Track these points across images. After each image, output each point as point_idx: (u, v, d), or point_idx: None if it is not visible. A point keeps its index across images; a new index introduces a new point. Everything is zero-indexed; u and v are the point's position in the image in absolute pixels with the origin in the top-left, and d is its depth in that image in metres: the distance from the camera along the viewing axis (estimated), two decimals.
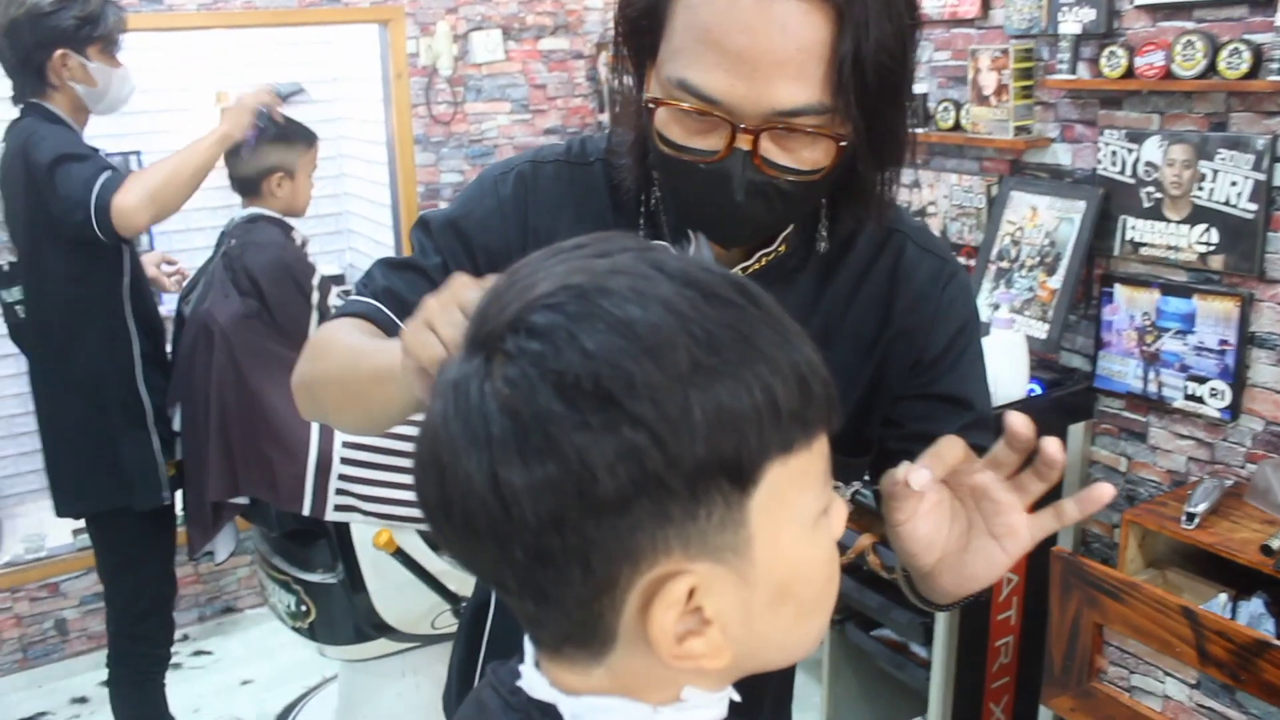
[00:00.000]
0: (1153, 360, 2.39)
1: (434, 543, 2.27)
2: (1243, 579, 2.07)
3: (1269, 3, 2.09)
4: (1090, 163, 2.48)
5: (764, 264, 1.01)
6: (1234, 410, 2.26)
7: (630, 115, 0.97)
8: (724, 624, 0.57)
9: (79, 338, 2.31)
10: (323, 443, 2.24)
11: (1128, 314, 2.43)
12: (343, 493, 2.25)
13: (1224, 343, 2.25)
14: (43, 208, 2.19)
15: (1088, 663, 2.05)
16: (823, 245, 1.02)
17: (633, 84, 0.94)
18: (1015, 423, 0.77)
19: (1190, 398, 2.33)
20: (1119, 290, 2.44)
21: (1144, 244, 2.37)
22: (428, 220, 1.08)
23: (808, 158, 0.88)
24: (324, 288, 2.43)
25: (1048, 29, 2.48)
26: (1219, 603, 2.07)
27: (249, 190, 2.48)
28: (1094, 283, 2.51)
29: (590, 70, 3.91)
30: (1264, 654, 1.73)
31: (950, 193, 2.82)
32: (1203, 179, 2.23)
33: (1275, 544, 1.95)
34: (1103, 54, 2.34)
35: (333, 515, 2.26)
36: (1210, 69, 2.15)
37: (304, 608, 2.41)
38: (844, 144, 0.87)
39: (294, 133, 2.49)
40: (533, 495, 0.52)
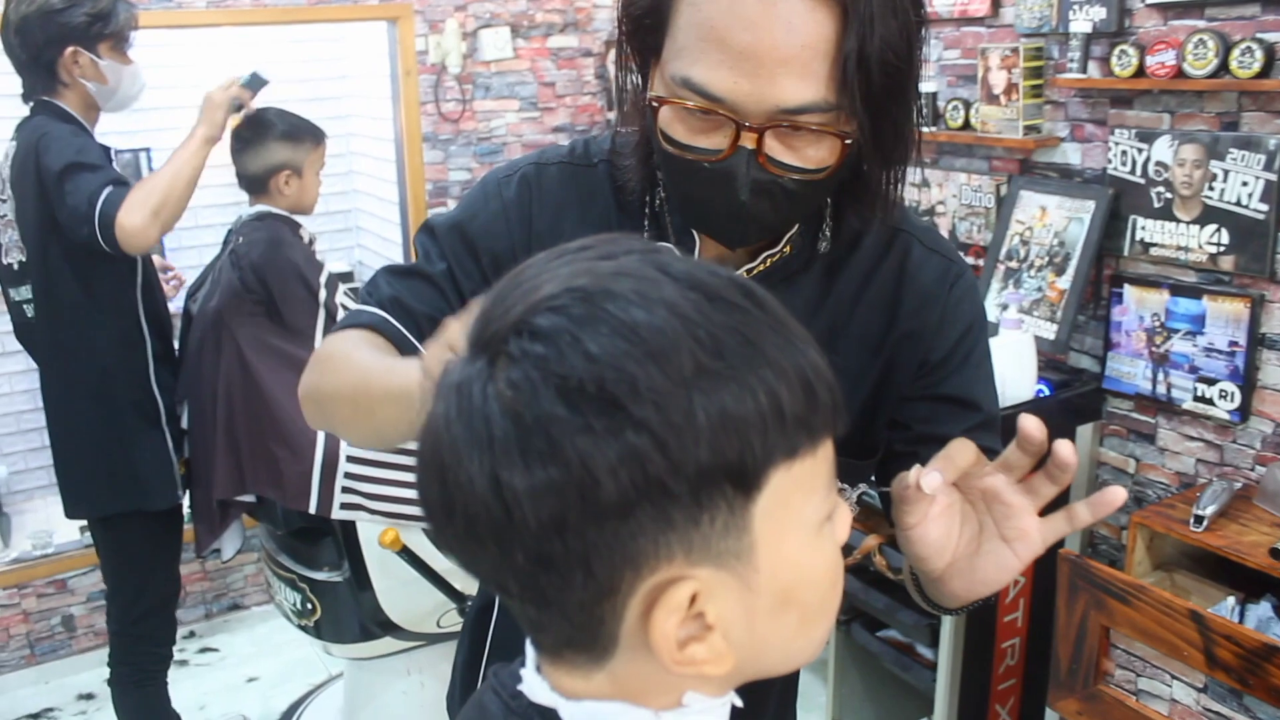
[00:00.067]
0: (1162, 361, 2.38)
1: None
2: (1251, 582, 2.06)
3: None
4: (1100, 162, 2.47)
5: (769, 265, 1.00)
6: (1243, 412, 2.25)
7: (634, 114, 0.96)
8: (726, 630, 0.57)
9: (90, 339, 2.30)
10: (329, 441, 2.24)
11: (1137, 315, 2.41)
12: (349, 491, 2.25)
13: (1234, 344, 2.24)
14: (52, 213, 2.18)
15: (1094, 665, 2.05)
16: (825, 245, 1.01)
17: (637, 83, 0.94)
18: (1028, 425, 0.77)
19: (1199, 399, 2.32)
20: (1128, 291, 2.43)
21: (1154, 244, 2.36)
22: (433, 226, 1.07)
23: (813, 156, 0.87)
24: (331, 285, 2.42)
25: (1058, 27, 2.47)
26: (1227, 606, 2.06)
27: (256, 188, 2.48)
28: (1103, 283, 2.50)
29: (599, 68, 3.91)
30: (1272, 658, 1.72)
31: (959, 192, 2.81)
32: (1214, 179, 2.22)
33: None
34: (1113, 53, 2.32)
35: (339, 513, 2.26)
36: (1222, 68, 2.13)
37: (309, 606, 2.41)
38: (849, 142, 0.86)
39: (301, 130, 2.48)
40: (534, 499, 0.52)
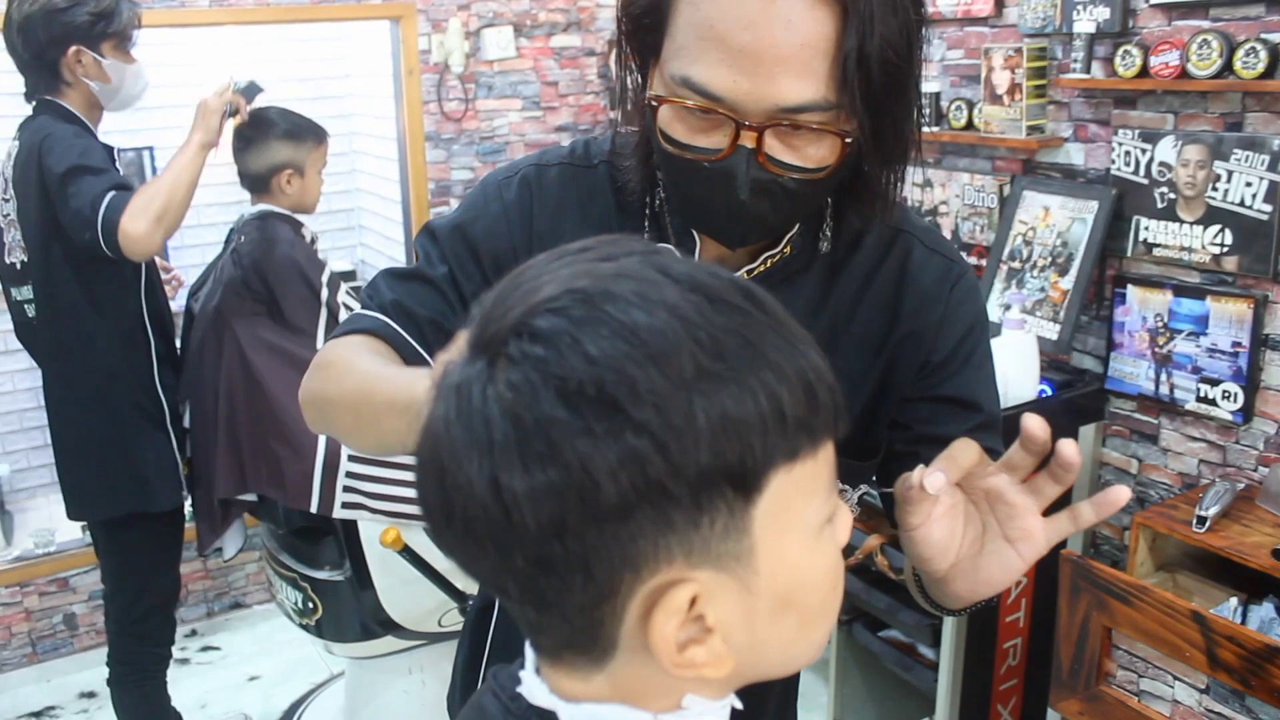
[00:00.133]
0: (1165, 362, 2.37)
1: None
2: (1254, 583, 2.06)
3: None
4: (1103, 163, 2.46)
5: (769, 265, 1.00)
6: (1246, 413, 2.24)
7: (635, 114, 0.96)
8: (726, 632, 0.57)
9: (92, 341, 2.29)
10: (331, 441, 2.24)
11: (1140, 315, 2.41)
12: (350, 490, 2.25)
13: (1237, 345, 2.23)
14: (54, 214, 2.17)
15: (1096, 666, 2.04)
16: (825, 245, 1.01)
17: (636, 82, 0.94)
18: (1031, 425, 0.76)
19: (1202, 400, 2.31)
20: (1131, 291, 2.42)
21: (1157, 245, 2.36)
22: (433, 228, 1.07)
23: (813, 155, 0.87)
24: (333, 284, 2.42)
25: (1062, 27, 2.46)
26: (1229, 607, 2.06)
27: (258, 187, 2.48)
28: (1106, 284, 2.50)
29: (602, 67, 3.90)
30: (1274, 659, 1.72)
31: (962, 192, 2.81)
32: (1217, 180, 2.21)
33: None
34: (1117, 53, 2.32)
35: (340, 512, 2.26)
36: (1226, 68, 2.13)
37: (311, 605, 2.41)
38: (849, 141, 0.86)
39: (303, 129, 2.48)
40: (534, 501, 0.51)
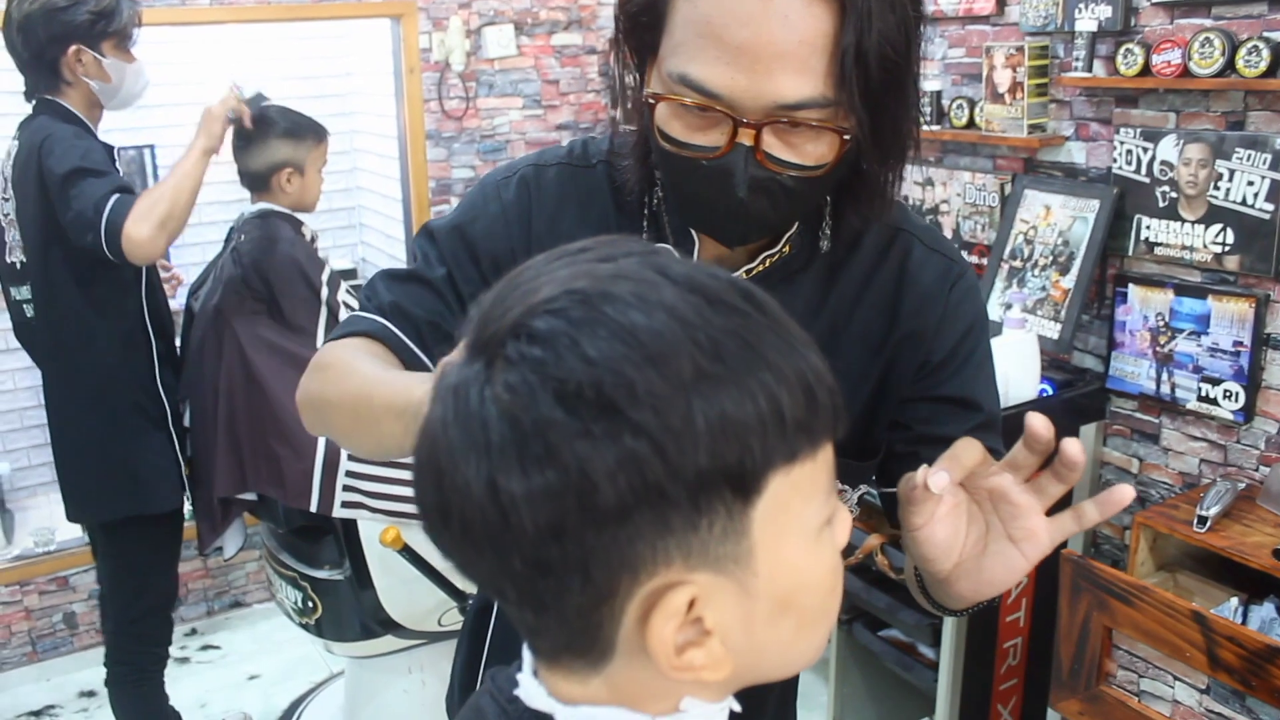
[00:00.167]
0: (1166, 361, 2.37)
1: None
2: (1255, 583, 2.06)
3: None
4: (1105, 161, 2.46)
5: (768, 265, 1.00)
6: (1248, 412, 2.24)
7: (633, 113, 0.96)
8: (724, 635, 0.56)
9: (91, 341, 2.28)
10: (330, 440, 2.24)
11: (1141, 314, 2.41)
12: (350, 489, 2.25)
13: (1238, 344, 2.23)
14: (53, 214, 2.16)
15: (1096, 666, 2.04)
16: (824, 244, 1.00)
17: (634, 81, 0.94)
18: (1035, 424, 0.76)
19: (1204, 399, 2.31)
20: (1133, 290, 2.42)
21: (1158, 244, 2.35)
22: (431, 229, 1.07)
23: (811, 152, 0.87)
24: (333, 283, 2.42)
25: (1063, 26, 2.46)
26: (1230, 607, 2.05)
27: (258, 186, 2.47)
28: (1107, 283, 2.49)
29: (604, 65, 3.90)
30: (1275, 660, 1.72)
31: (963, 191, 2.81)
32: (1219, 178, 2.21)
33: None
34: (1119, 51, 2.31)
35: (340, 512, 2.26)
36: (1228, 67, 2.12)
37: (311, 604, 2.41)
38: (847, 138, 0.86)
39: (303, 128, 2.48)
40: (532, 504, 0.51)
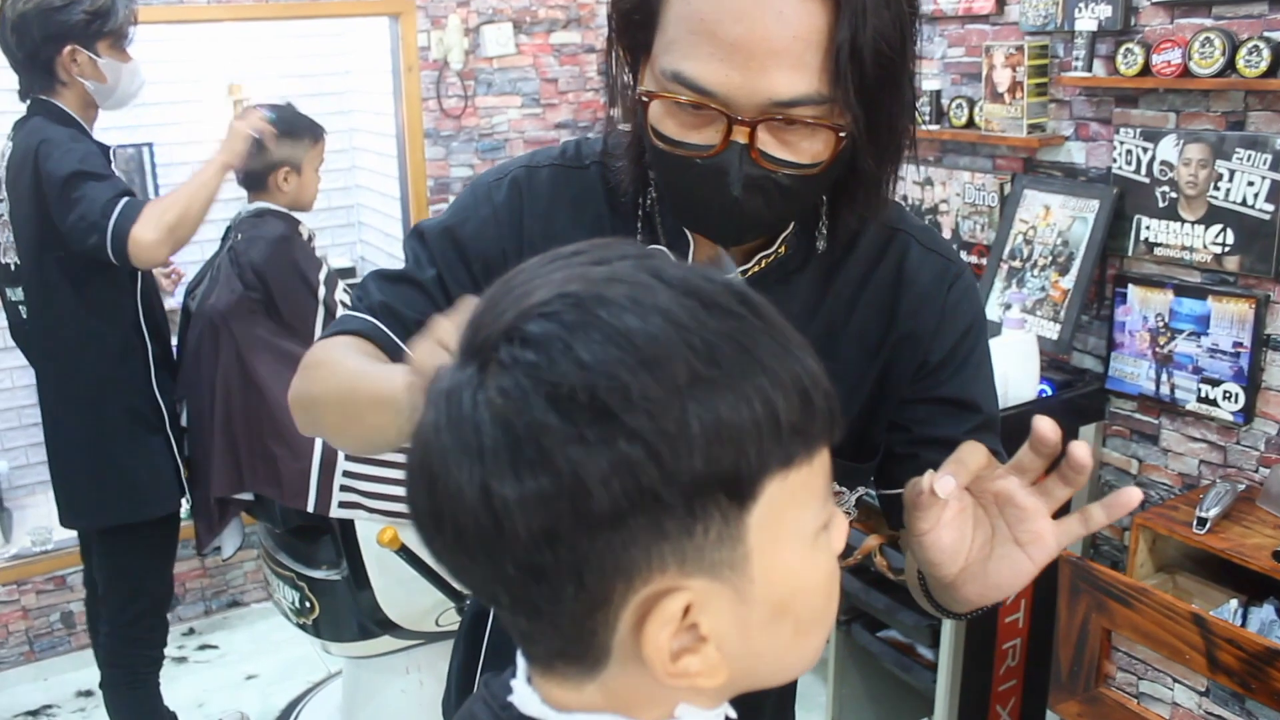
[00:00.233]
0: (1166, 362, 2.37)
1: None
2: (1254, 584, 2.05)
3: None
4: (1105, 161, 2.45)
5: (764, 266, 0.99)
6: (1248, 413, 2.24)
7: (627, 112, 0.95)
8: (720, 641, 0.56)
9: (86, 345, 2.27)
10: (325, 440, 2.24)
11: (1141, 315, 2.40)
12: (347, 489, 2.24)
13: (1238, 345, 2.22)
14: (49, 217, 2.15)
15: (1095, 668, 2.04)
16: (821, 244, 1.00)
17: (628, 80, 0.93)
18: (1042, 427, 0.76)
19: (1203, 400, 2.31)
20: (1132, 291, 2.41)
21: (1158, 244, 2.35)
22: (422, 230, 1.06)
23: (806, 150, 0.86)
24: (330, 282, 2.41)
25: (1063, 25, 2.45)
26: (1229, 609, 2.05)
27: (255, 185, 2.47)
28: (1107, 283, 2.49)
29: (602, 64, 3.89)
30: (1275, 662, 1.71)
31: (963, 190, 2.80)
32: (1219, 179, 2.20)
33: None
34: (1119, 51, 2.31)
35: (337, 512, 2.25)
36: (1228, 67, 2.12)
37: (308, 604, 2.40)
38: (843, 135, 0.85)
39: (301, 127, 2.48)
40: (524, 509, 0.51)
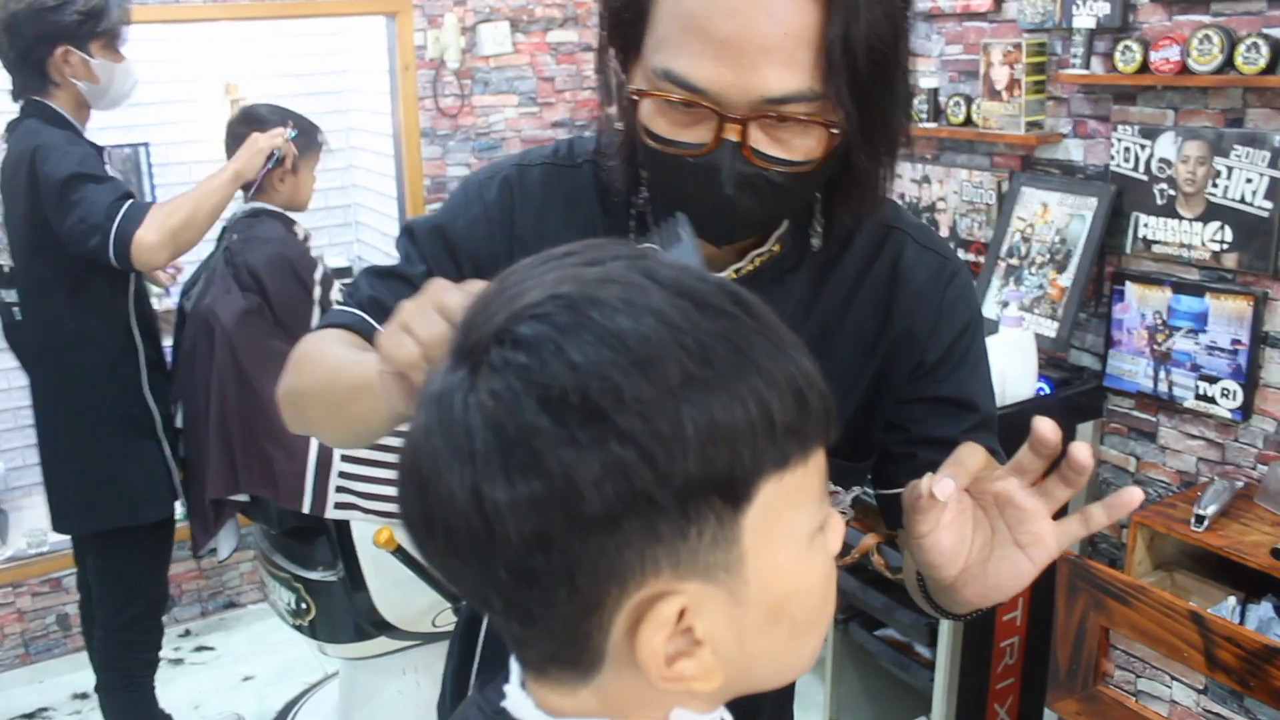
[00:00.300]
0: (1164, 359, 2.36)
1: None
2: (1252, 582, 2.05)
3: None
4: (1103, 159, 2.45)
5: (757, 264, 0.98)
6: (1246, 411, 2.23)
7: (619, 111, 0.95)
8: (715, 645, 0.55)
9: (79, 348, 2.26)
10: (320, 439, 2.23)
11: (1139, 312, 2.40)
12: (343, 490, 2.23)
13: (1236, 342, 2.22)
14: (44, 220, 2.13)
15: (1093, 666, 2.03)
16: (816, 242, 0.99)
17: (620, 79, 0.92)
18: (1042, 428, 0.75)
19: (1201, 397, 2.30)
20: (1130, 288, 2.41)
21: (1156, 242, 2.34)
22: (413, 228, 1.05)
23: (799, 147, 0.85)
24: (326, 282, 2.41)
25: (1061, 23, 2.45)
26: (1228, 606, 2.05)
27: (251, 184, 2.46)
28: (1105, 281, 2.48)
29: (598, 63, 3.88)
30: (1273, 660, 1.71)
31: (960, 188, 2.80)
32: (1217, 176, 2.20)
33: None
34: (1117, 48, 2.30)
35: (333, 513, 2.24)
36: (1227, 64, 2.11)
37: (304, 605, 2.40)
38: (836, 132, 0.84)
39: (300, 129, 2.47)
40: (516, 513, 0.50)
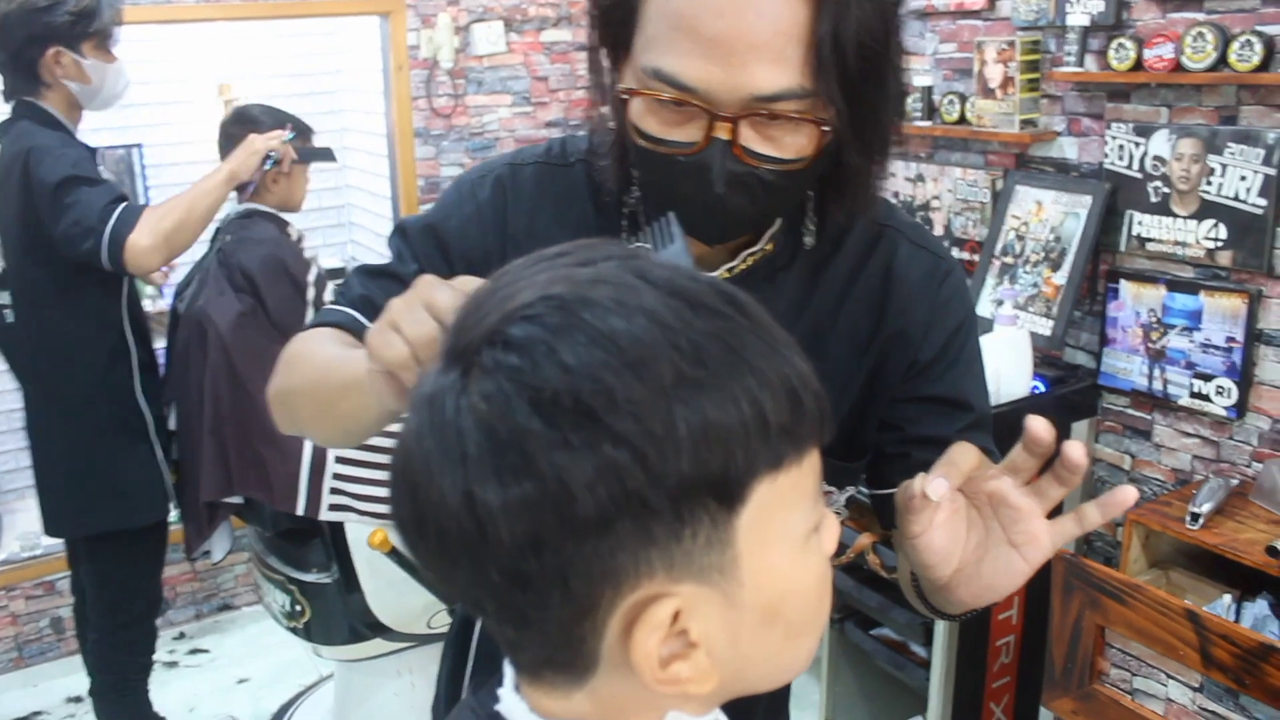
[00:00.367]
0: (1158, 357, 2.36)
1: None
2: (1248, 580, 2.05)
3: None
4: (1097, 157, 2.45)
5: (750, 264, 0.98)
6: (1240, 408, 2.23)
7: (610, 111, 0.94)
8: (710, 647, 0.55)
9: (72, 351, 2.25)
10: (313, 440, 2.22)
11: (1133, 310, 2.40)
12: (337, 492, 2.23)
13: (1231, 340, 2.22)
14: (37, 223, 2.12)
15: (1089, 665, 2.03)
16: (809, 240, 0.99)
17: (610, 78, 0.92)
18: (1035, 427, 0.75)
19: (1196, 395, 2.30)
20: (1125, 286, 2.41)
21: (1150, 239, 2.34)
22: (405, 227, 1.05)
23: (790, 145, 0.85)
24: (320, 283, 2.40)
25: (1055, 20, 2.45)
26: (1223, 604, 2.05)
27: (244, 185, 2.45)
28: (1099, 279, 2.48)
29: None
30: (1269, 658, 1.71)
31: (954, 187, 2.79)
32: (1211, 173, 2.20)
33: None
34: (1111, 46, 2.30)
35: (327, 515, 2.24)
36: (1221, 61, 2.11)
37: (299, 608, 2.39)
38: (827, 130, 0.84)
39: (294, 129, 2.46)
40: (509, 515, 0.50)
